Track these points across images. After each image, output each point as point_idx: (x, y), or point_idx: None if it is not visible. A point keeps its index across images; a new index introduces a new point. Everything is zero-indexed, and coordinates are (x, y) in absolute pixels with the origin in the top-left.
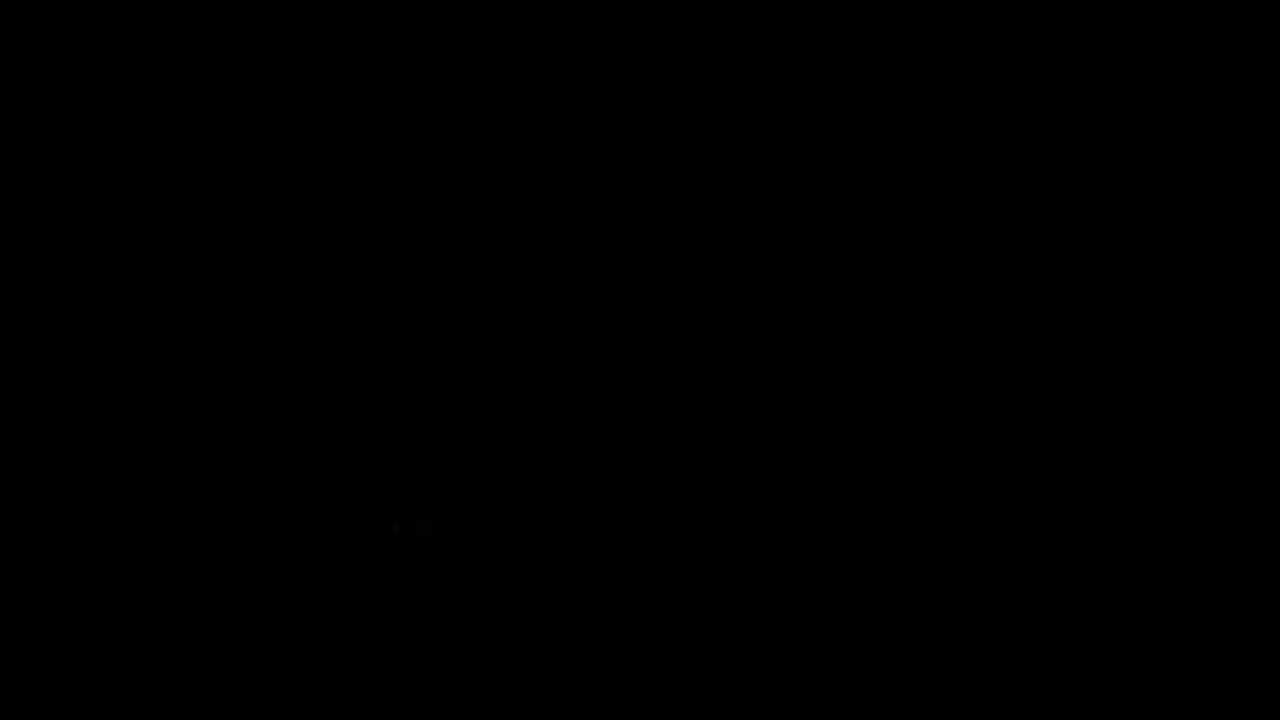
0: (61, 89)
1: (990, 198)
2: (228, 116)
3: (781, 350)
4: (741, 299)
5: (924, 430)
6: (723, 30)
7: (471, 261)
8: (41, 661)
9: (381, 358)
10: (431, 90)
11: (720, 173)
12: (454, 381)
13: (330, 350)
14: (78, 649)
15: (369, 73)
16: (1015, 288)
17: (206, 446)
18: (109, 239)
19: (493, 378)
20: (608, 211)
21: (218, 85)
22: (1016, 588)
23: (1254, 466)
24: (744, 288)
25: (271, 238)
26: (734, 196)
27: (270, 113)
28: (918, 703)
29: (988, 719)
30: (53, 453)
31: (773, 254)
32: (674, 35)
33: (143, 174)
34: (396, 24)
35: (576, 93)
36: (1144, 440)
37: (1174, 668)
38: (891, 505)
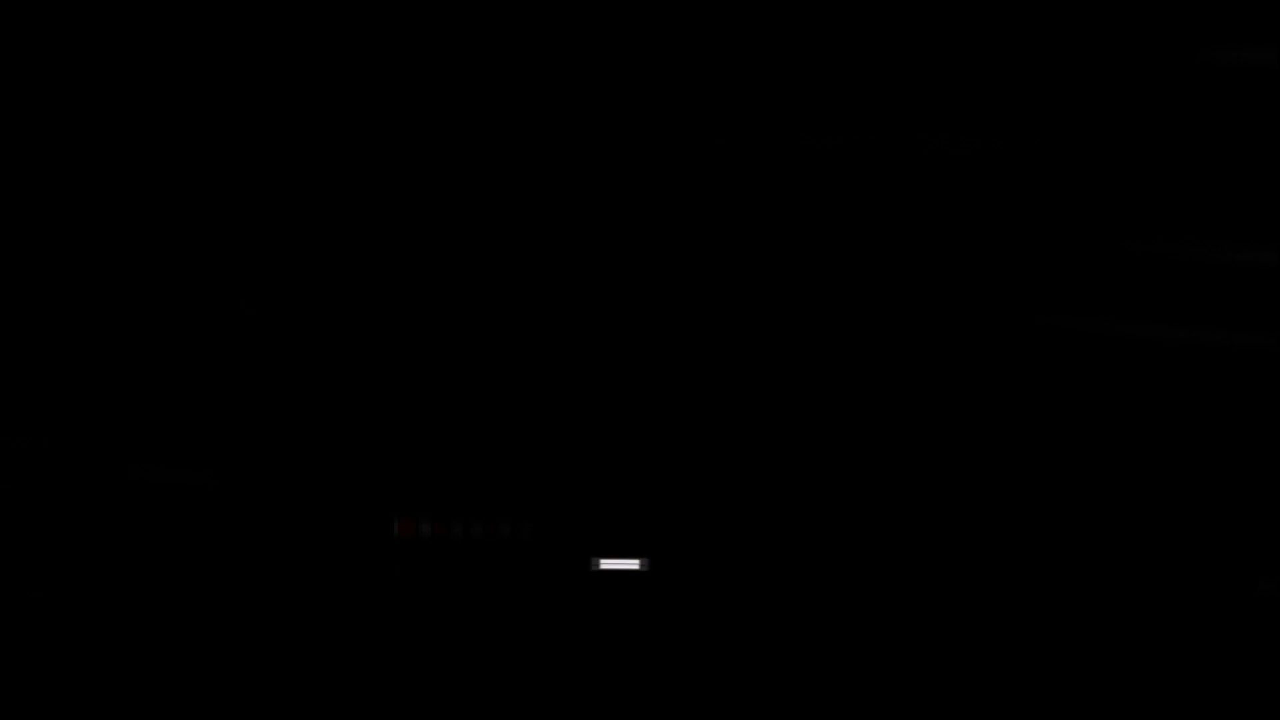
0: (61, 89)
1: (988, 199)
2: (228, 116)
3: (779, 350)
4: (740, 300)
5: (922, 429)
6: (722, 30)
7: (472, 262)
8: (42, 661)
9: (383, 359)
10: (431, 90)
11: (719, 173)
12: (454, 382)
13: (331, 352)
14: (78, 649)
15: (369, 73)
16: (1007, 286)
17: (209, 448)
18: (109, 239)
19: (492, 379)
20: (606, 212)
21: (218, 85)
22: (1014, 585)
23: (1254, 466)
24: (742, 289)
25: (271, 238)
26: (733, 197)
27: (270, 113)
28: (917, 702)
29: (986, 717)
30: (54, 453)
31: (770, 254)
32: (674, 35)
33: (143, 174)
34: (397, 24)
35: (576, 93)
36: (1142, 439)
37: (1173, 666)
38: (888, 504)
